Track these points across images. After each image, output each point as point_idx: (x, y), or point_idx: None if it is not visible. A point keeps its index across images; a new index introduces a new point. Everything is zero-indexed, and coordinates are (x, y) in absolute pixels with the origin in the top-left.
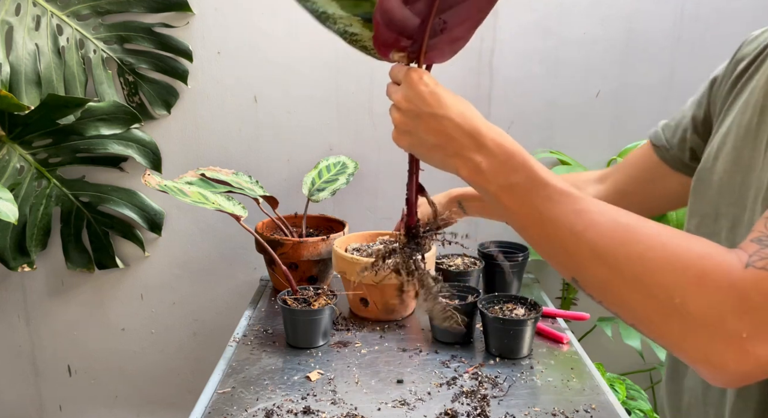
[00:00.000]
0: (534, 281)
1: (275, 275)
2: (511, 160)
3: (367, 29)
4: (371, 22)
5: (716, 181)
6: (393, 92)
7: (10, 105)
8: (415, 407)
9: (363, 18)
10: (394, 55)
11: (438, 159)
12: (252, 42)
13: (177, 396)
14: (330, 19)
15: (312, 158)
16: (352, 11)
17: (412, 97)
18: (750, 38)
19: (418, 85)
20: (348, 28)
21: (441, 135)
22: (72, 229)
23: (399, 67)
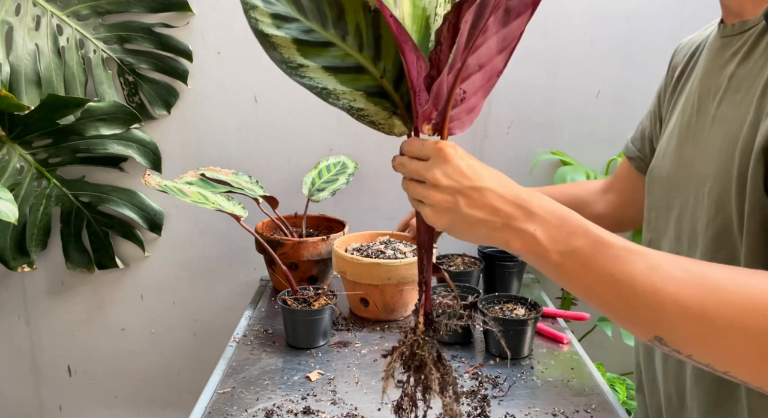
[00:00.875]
0: (534, 281)
1: (275, 275)
2: (567, 224)
3: (371, 104)
4: (375, 96)
5: (665, 177)
6: (423, 169)
7: (10, 105)
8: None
9: (366, 92)
10: (425, 127)
11: (483, 234)
12: (252, 42)
13: (177, 396)
14: (332, 95)
15: (312, 158)
16: (352, 86)
17: (452, 173)
18: (680, 47)
19: (455, 159)
20: (353, 103)
21: (485, 208)
22: (72, 229)
23: (424, 142)
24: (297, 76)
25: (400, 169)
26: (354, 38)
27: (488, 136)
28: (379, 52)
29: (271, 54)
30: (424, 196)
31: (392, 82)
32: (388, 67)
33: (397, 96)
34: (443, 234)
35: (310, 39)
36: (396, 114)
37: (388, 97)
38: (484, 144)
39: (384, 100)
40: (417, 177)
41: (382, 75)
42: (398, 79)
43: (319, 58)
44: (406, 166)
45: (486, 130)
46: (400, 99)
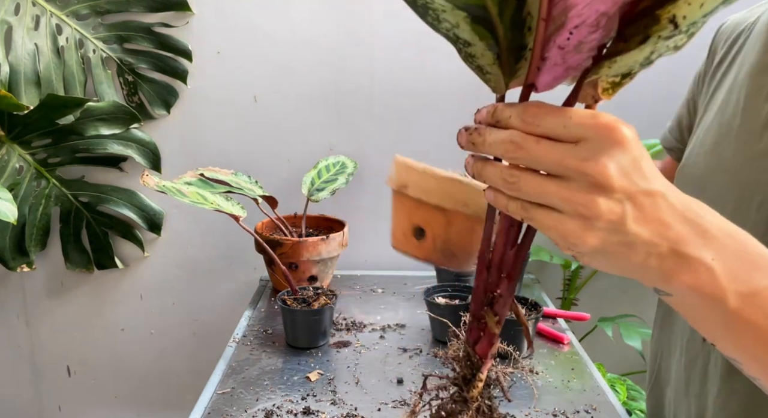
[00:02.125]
0: (534, 281)
1: (275, 275)
2: (746, 252)
3: (476, 36)
4: (479, 22)
5: (697, 177)
6: (573, 157)
7: (9, 105)
8: None
9: (469, 14)
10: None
11: (638, 262)
12: (252, 42)
13: (176, 396)
14: (430, 11)
15: (311, 158)
16: (454, 1)
17: (629, 167)
18: (723, 28)
19: (634, 146)
20: (456, 30)
21: (654, 224)
22: (71, 229)
23: (568, 113)
24: None
25: (509, 150)
26: None
27: None
28: None
29: None
30: (570, 202)
31: (497, 3)
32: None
33: (501, 29)
34: None
35: None
36: (497, 57)
37: (492, 28)
38: None
39: (487, 32)
40: (553, 168)
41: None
42: (502, 3)
43: None
44: (527, 149)
45: None
46: (504, 35)
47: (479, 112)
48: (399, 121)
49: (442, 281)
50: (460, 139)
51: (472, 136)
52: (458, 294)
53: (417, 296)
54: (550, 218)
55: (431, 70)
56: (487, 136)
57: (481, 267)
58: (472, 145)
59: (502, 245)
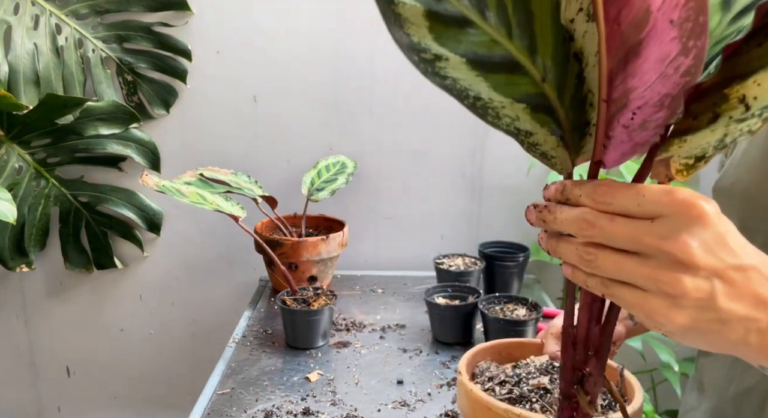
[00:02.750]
0: (535, 282)
1: (274, 275)
2: None
3: (537, 124)
4: (540, 110)
5: (742, 193)
6: (651, 235)
7: (8, 105)
8: (415, 408)
9: (529, 105)
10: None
11: (737, 338)
12: (252, 41)
13: (176, 397)
14: (489, 109)
15: (311, 158)
16: (510, 93)
17: (713, 245)
18: None
19: (717, 222)
20: (517, 123)
21: (749, 299)
22: (71, 229)
23: (643, 190)
24: (435, 75)
25: (583, 228)
26: (497, 14)
27: (489, 135)
28: (534, 40)
29: (397, 35)
30: (653, 280)
31: (555, 88)
32: (548, 64)
33: (562, 111)
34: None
35: (442, 11)
36: (561, 139)
37: (553, 113)
38: (485, 144)
39: (548, 117)
40: (629, 245)
41: (543, 76)
42: (561, 84)
43: (458, 46)
44: (602, 227)
45: (487, 130)
46: (565, 116)
47: (548, 189)
48: (399, 121)
49: (443, 281)
50: (529, 217)
51: (542, 214)
52: (458, 295)
53: (417, 296)
54: (633, 295)
55: None
56: (558, 215)
57: (566, 343)
58: (542, 222)
59: (585, 320)
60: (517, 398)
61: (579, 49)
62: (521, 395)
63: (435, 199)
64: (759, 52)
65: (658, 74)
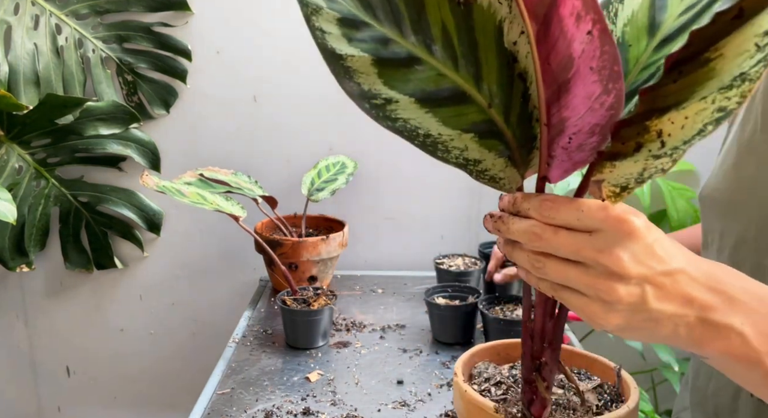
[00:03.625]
0: None
1: (275, 275)
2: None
3: (485, 149)
4: (487, 136)
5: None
6: (590, 248)
7: (8, 105)
8: (416, 408)
9: (477, 133)
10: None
11: (668, 333)
12: (252, 41)
13: (176, 397)
14: (438, 145)
15: (311, 158)
16: (457, 125)
17: (642, 256)
18: None
19: (646, 235)
20: (465, 153)
21: (678, 299)
22: (71, 229)
23: (580, 205)
24: (387, 119)
25: (531, 239)
26: (443, 47)
27: None
28: (480, 68)
29: (348, 86)
30: (591, 288)
31: (502, 112)
32: (493, 89)
33: (509, 131)
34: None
35: (389, 55)
36: (510, 159)
37: (500, 136)
38: None
39: (496, 141)
40: (572, 256)
41: (490, 102)
42: (507, 106)
43: (407, 85)
44: (547, 239)
45: None
46: (513, 135)
47: (502, 200)
48: None
49: (443, 281)
50: (486, 225)
51: (497, 223)
52: (458, 295)
53: (417, 296)
54: (576, 300)
55: None
56: (511, 225)
57: (525, 336)
58: (498, 231)
59: (541, 315)
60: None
61: (523, 69)
62: (516, 396)
63: (435, 200)
64: (674, 88)
65: (587, 108)
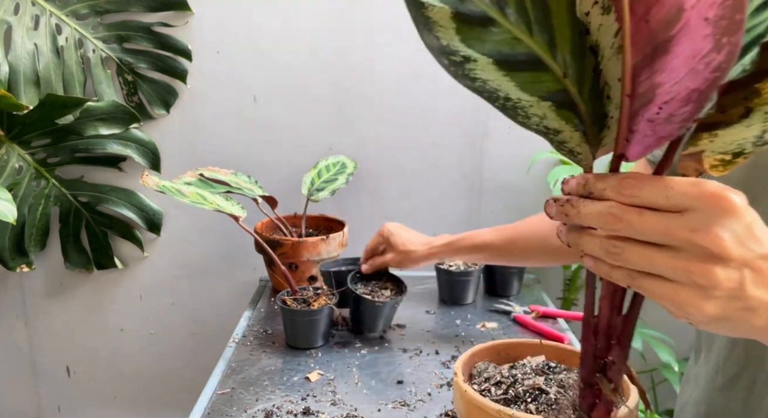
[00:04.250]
0: (535, 282)
1: (275, 275)
2: None
3: (563, 121)
4: (564, 107)
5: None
6: (683, 228)
7: (8, 105)
8: (416, 408)
9: (554, 102)
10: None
11: (762, 325)
12: (252, 42)
13: (176, 397)
14: (518, 109)
15: (311, 158)
16: (535, 91)
17: (743, 236)
18: None
19: (745, 213)
20: (545, 122)
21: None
22: (71, 229)
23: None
24: (466, 78)
25: (609, 222)
26: (516, 11)
27: (489, 135)
28: (553, 36)
29: (428, 38)
30: (684, 272)
31: (576, 83)
32: (567, 59)
33: (583, 105)
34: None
35: (466, 11)
36: (584, 134)
37: (575, 108)
38: (485, 144)
39: (571, 113)
40: (659, 238)
41: (564, 72)
42: (580, 78)
43: (483, 46)
44: (629, 221)
45: (486, 130)
46: (585, 110)
47: (567, 183)
48: (399, 121)
49: (442, 281)
50: (548, 211)
51: (564, 207)
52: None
53: (417, 296)
54: (662, 287)
55: (431, 70)
56: (582, 208)
57: (587, 333)
58: (564, 216)
59: (608, 310)
60: (512, 398)
61: (594, 42)
62: (516, 395)
63: (435, 200)
64: None
65: (688, 70)
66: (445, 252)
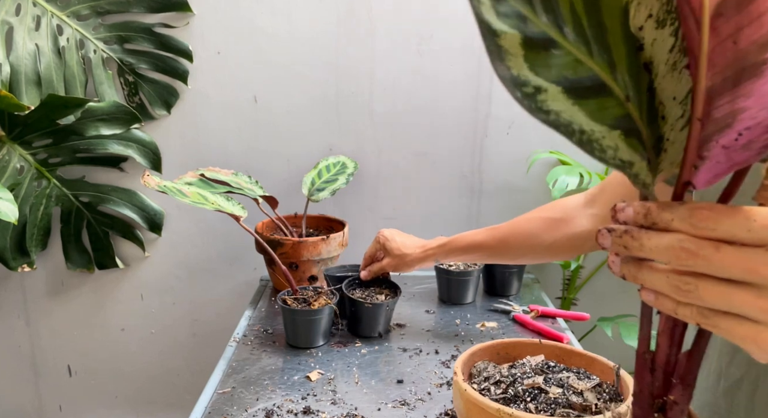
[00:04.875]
0: (534, 281)
1: (275, 274)
2: None
3: (632, 150)
4: (631, 135)
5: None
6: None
7: (10, 105)
8: (415, 407)
9: (622, 130)
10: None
11: None
12: (252, 42)
13: (177, 396)
14: (594, 142)
15: (312, 158)
16: (603, 120)
17: None
18: None
19: None
20: (618, 153)
21: None
22: (72, 229)
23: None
24: (540, 111)
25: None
26: (574, 30)
27: (488, 136)
28: (611, 55)
29: (501, 70)
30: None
31: (637, 105)
32: (626, 79)
33: (644, 130)
34: None
35: (529, 33)
36: (648, 162)
37: (639, 134)
38: (484, 144)
39: (636, 141)
40: (740, 276)
41: (627, 95)
42: (639, 100)
43: (549, 72)
44: (705, 256)
45: (486, 130)
46: (646, 132)
47: (623, 212)
48: (399, 122)
49: (442, 281)
50: (601, 241)
51: (623, 239)
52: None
53: (417, 296)
54: (742, 328)
55: (431, 71)
56: (646, 241)
57: (642, 369)
58: (623, 248)
59: (666, 346)
60: (511, 397)
61: (648, 58)
62: (515, 394)
63: (435, 200)
64: None
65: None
66: (439, 253)
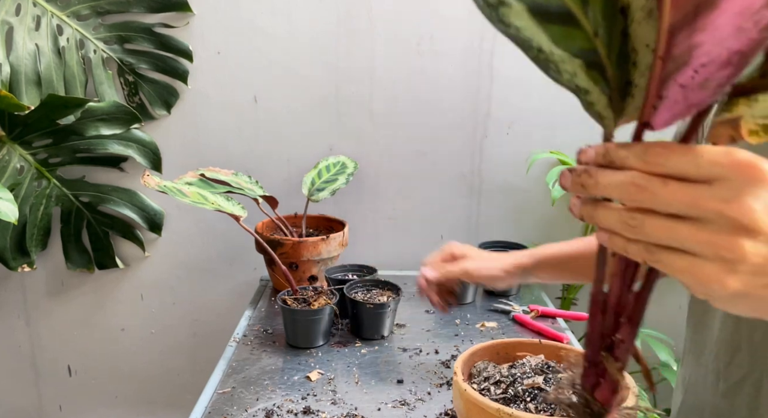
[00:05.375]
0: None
1: (275, 275)
2: None
3: (591, 81)
4: (593, 67)
5: None
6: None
7: (10, 105)
8: (415, 407)
9: (584, 61)
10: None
11: None
12: (252, 42)
13: (177, 396)
14: (550, 62)
15: (312, 158)
16: (567, 47)
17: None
18: None
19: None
20: (575, 79)
21: None
22: (72, 229)
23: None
24: (501, 23)
25: (631, 192)
26: None
27: (488, 136)
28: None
29: None
30: (709, 245)
31: (605, 44)
32: (598, 18)
33: (611, 69)
34: None
35: None
36: (609, 99)
37: (603, 70)
38: (484, 144)
39: (599, 75)
40: (685, 210)
41: (595, 31)
42: (610, 40)
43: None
44: (654, 191)
45: (486, 130)
46: (613, 74)
47: (584, 153)
48: (399, 122)
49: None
50: (563, 182)
51: (581, 178)
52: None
53: (417, 296)
54: (682, 261)
55: (431, 71)
56: (601, 178)
57: (595, 310)
58: (580, 187)
59: (618, 287)
60: (511, 397)
61: (625, 3)
62: (515, 394)
63: (435, 200)
64: None
65: (733, 29)
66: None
